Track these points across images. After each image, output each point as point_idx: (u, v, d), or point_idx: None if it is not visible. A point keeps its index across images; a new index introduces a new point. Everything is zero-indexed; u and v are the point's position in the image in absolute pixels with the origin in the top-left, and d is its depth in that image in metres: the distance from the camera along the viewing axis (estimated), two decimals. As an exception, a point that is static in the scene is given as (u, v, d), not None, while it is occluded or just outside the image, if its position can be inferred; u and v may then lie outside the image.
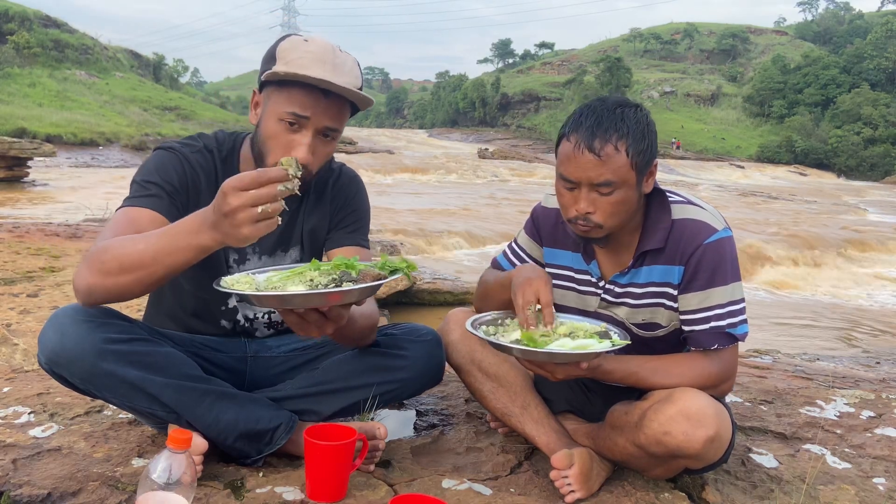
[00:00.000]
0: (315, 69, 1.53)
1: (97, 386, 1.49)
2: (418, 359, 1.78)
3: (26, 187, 13.07)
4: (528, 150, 43.15)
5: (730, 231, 1.63)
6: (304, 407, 1.72)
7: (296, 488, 1.57)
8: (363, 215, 1.85)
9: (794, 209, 17.33)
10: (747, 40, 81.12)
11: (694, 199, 1.68)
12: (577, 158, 1.53)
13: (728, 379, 1.64)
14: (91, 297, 1.42)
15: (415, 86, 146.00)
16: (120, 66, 43.52)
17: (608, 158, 1.50)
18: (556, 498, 1.62)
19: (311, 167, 1.59)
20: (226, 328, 1.80)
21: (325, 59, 1.55)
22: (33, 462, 1.62)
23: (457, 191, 17.19)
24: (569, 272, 1.78)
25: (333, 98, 1.57)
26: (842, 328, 6.28)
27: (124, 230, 1.47)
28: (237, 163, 1.73)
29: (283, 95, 1.56)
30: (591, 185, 1.53)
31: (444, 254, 9.00)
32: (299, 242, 1.80)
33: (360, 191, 1.86)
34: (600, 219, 1.56)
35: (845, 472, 1.87)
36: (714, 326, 1.60)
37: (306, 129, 1.57)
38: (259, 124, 1.62)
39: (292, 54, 1.55)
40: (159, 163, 1.64)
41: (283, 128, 1.57)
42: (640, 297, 1.68)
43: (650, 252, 1.65)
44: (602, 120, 1.52)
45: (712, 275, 1.59)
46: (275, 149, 1.58)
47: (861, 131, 46.98)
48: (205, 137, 1.74)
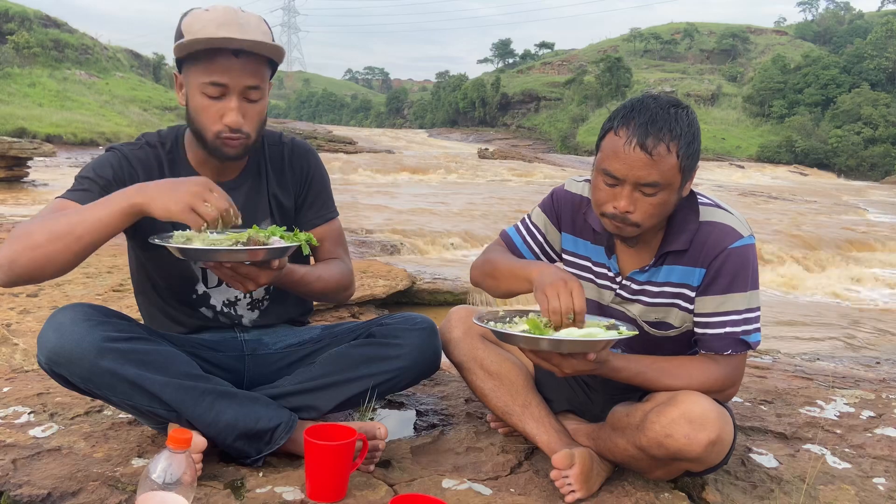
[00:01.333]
0: (219, 32, 1.56)
1: (97, 385, 1.49)
2: (414, 347, 1.79)
3: (26, 187, 13.07)
4: (528, 150, 43.12)
5: (753, 238, 1.61)
6: (303, 403, 1.73)
7: (296, 488, 1.57)
8: (325, 187, 1.92)
9: (794, 209, 17.32)
10: (747, 40, 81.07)
11: (721, 202, 1.65)
12: (626, 155, 1.47)
13: (734, 385, 1.63)
14: (12, 272, 1.44)
15: (415, 86, 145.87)
16: (120, 66, 43.48)
17: (660, 159, 1.46)
18: (556, 498, 1.62)
19: (246, 129, 1.63)
20: (208, 316, 1.82)
21: (229, 21, 1.58)
22: (33, 462, 1.62)
23: (457, 191, 17.18)
24: (587, 262, 1.76)
25: (245, 57, 1.60)
26: (842, 328, 6.27)
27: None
28: (183, 151, 1.77)
29: (199, 68, 1.60)
30: (636, 185, 1.49)
31: (444, 254, 8.99)
32: (268, 215, 1.83)
33: (317, 163, 1.92)
34: (639, 218, 1.52)
35: (845, 472, 1.87)
36: (729, 332, 1.58)
37: (229, 95, 1.61)
38: (187, 103, 1.66)
39: (196, 25, 1.59)
40: (98, 161, 1.70)
41: (207, 100, 1.61)
42: (655, 296, 1.66)
43: (672, 253, 1.63)
44: (656, 118, 1.47)
45: (733, 280, 1.57)
46: (206, 122, 1.63)
47: (861, 131, 46.92)
48: (148, 135, 1.79)
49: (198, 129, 1.65)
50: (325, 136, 32.50)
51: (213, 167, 1.75)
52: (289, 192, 1.86)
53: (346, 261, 1.91)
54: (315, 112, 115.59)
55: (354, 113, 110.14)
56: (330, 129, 44.44)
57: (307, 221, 1.87)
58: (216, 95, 1.60)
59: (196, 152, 1.75)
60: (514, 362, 1.84)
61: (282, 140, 1.88)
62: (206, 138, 1.65)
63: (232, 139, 1.63)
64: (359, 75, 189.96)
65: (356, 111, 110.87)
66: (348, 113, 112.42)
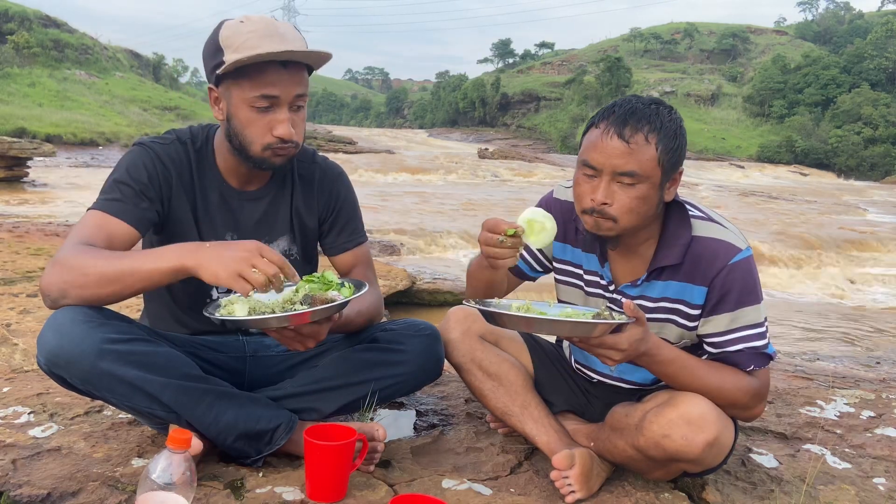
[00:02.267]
0: (267, 45, 1.54)
1: (97, 386, 1.49)
2: (417, 354, 1.79)
3: (26, 187, 13.06)
4: (528, 150, 43.09)
5: (751, 250, 1.58)
6: (305, 405, 1.73)
7: (296, 488, 1.56)
8: (356, 212, 1.91)
9: (794, 209, 17.32)
10: (747, 40, 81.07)
11: (714, 215, 1.62)
12: (603, 144, 1.48)
13: (762, 401, 1.59)
14: (61, 301, 1.47)
15: (415, 86, 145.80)
16: (120, 66, 43.46)
17: (637, 148, 1.46)
18: (556, 498, 1.62)
19: (296, 138, 1.64)
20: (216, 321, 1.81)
21: (272, 33, 1.57)
22: (33, 462, 1.61)
23: (457, 191, 17.18)
24: (578, 270, 1.74)
25: (292, 67, 1.59)
26: (842, 328, 6.27)
27: (93, 237, 1.54)
28: (212, 153, 1.76)
29: (246, 82, 1.58)
30: (613, 174, 1.48)
31: (443, 254, 8.99)
32: (289, 231, 1.82)
33: (348, 187, 1.91)
34: (616, 212, 1.50)
35: (845, 472, 1.87)
36: (750, 347, 1.55)
37: (280, 107, 1.60)
38: (229, 118, 1.64)
39: (238, 39, 1.56)
40: (130, 161, 1.68)
41: (255, 113, 1.60)
42: (650, 312, 1.62)
43: (666, 267, 1.59)
44: (636, 111, 1.48)
45: (741, 295, 1.54)
46: (255, 135, 1.62)
47: (861, 131, 46.93)
48: (178, 131, 1.78)
49: (243, 144, 1.63)
50: (324, 136, 32.51)
51: (241, 175, 1.75)
52: (313, 213, 1.85)
53: (376, 286, 1.90)
54: (315, 112, 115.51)
55: (354, 113, 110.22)
56: (330, 129, 44.46)
57: (337, 245, 1.87)
58: (265, 107, 1.59)
59: (227, 159, 1.73)
60: (513, 363, 1.84)
61: (315, 159, 1.87)
62: (253, 151, 1.63)
63: (283, 150, 1.63)
64: (359, 75, 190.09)
65: (356, 111, 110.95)
66: (348, 113, 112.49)
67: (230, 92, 1.61)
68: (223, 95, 1.63)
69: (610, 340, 1.40)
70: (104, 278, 1.44)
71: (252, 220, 1.78)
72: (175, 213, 1.71)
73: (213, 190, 1.75)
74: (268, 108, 1.59)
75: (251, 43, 1.54)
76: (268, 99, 1.58)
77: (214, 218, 1.75)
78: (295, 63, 1.59)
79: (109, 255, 1.48)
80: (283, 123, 1.59)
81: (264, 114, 1.59)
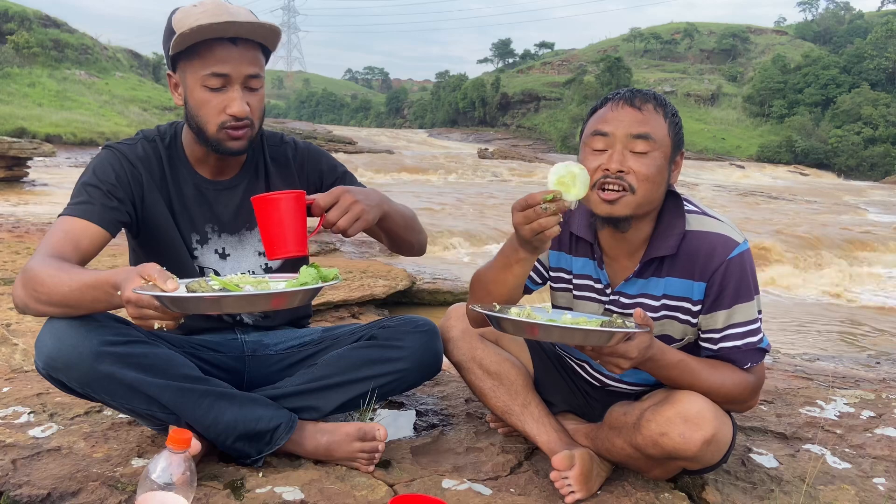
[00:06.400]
0: (215, 21, 1.55)
1: (95, 389, 1.49)
2: (415, 350, 1.79)
3: (26, 187, 13.05)
4: (528, 150, 43.11)
5: (748, 243, 1.58)
6: (304, 403, 1.73)
7: (296, 488, 1.56)
8: (345, 170, 1.91)
9: (794, 209, 17.31)
10: (747, 40, 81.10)
11: (709, 210, 1.62)
12: (615, 113, 1.51)
13: (757, 393, 1.61)
14: (27, 311, 1.50)
15: (415, 86, 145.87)
16: (120, 66, 43.47)
17: (649, 114, 1.50)
18: (555, 498, 1.62)
19: (251, 117, 1.63)
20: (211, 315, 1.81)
21: (220, 12, 1.57)
22: (33, 462, 1.61)
23: (457, 191, 17.18)
24: (567, 275, 1.74)
25: (242, 44, 1.60)
26: (842, 328, 6.27)
27: (60, 244, 1.53)
28: (181, 147, 1.76)
29: (197, 62, 1.59)
30: (627, 139, 1.48)
31: (444, 254, 8.99)
32: None
33: (329, 157, 1.92)
34: (634, 180, 1.48)
35: (845, 472, 1.87)
36: (747, 343, 1.56)
37: (231, 85, 1.60)
38: (186, 101, 1.65)
39: (187, 20, 1.57)
40: (98, 164, 1.69)
41: (208, 93, 1.60)
42: (653, 310, 1.61)
43: (660, 261, 1.58)
44: (640, 90, 1.55)
45: (737, 291, 1.54)
46: (209, 115, 1.62)
47: (861, 131, 46.95)
48: (145, 130, 1.79)
49: (199, 125, 1.64)
50: (324, 136, 32.50)
51: (211, 165, 1.75)
52: (294, 187, 1.84)
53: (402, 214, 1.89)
54: (315, 112, 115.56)
55: (354, 113, 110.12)
56: (330, 129, 44.42)
57: None
58: (217, 87, 1.60)
59: (194, 150, 1.74)
60: (514, 362, 1.84)
61: (283, 140, 1.88)
62: (209, 133, 1.63)
63: (237, 129, 1.62)
64: (359, 75, 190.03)
65: (356, 111, 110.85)
66: (348, 113, 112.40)
67: (185, 74, 1.62)
68: (180, 80, 1.65)
69: (621, 349, 1.39)
70: (52, 300, 1.44)
71: (230, 210, 1.78)
72: (150, 212, 1.71)
73: (187, 183, 1.75)
74: (221, 89, 1.60)
75: (201, 22, 1.55)
76: (219, 77, 1.59)
77: (192, 211, 1.75)
78: (246, 41, 1.60)
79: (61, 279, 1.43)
80: (236, 101, 1.60)
81: (217, 93, 1.60)
